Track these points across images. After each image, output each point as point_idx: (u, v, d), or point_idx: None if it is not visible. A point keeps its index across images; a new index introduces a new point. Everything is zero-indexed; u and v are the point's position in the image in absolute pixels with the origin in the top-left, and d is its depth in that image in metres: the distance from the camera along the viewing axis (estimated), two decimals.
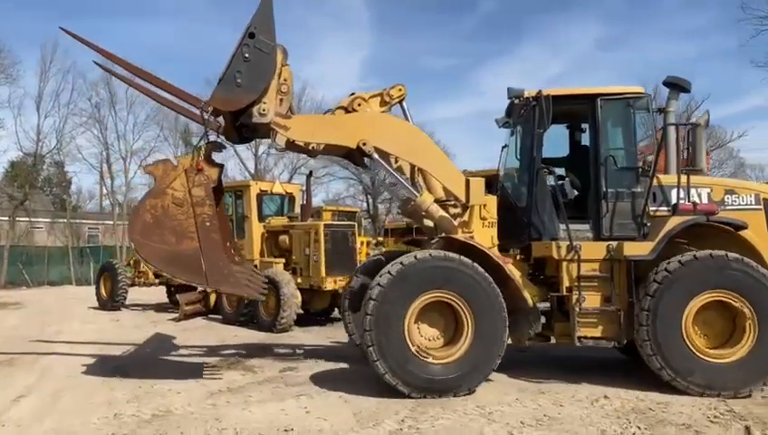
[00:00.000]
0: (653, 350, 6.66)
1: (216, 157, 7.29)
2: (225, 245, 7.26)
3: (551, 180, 7.61)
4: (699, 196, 7.26)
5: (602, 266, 7.15)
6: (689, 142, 7.17)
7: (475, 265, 6.71)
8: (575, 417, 5.78)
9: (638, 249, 7.02)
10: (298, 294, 12.14)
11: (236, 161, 43.84)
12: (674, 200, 7.18)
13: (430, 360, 6.57)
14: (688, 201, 7.07)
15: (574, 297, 7.09)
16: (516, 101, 7.63)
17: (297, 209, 15.11)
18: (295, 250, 13.22)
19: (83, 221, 49.18)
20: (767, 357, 6.59)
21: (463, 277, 6.64)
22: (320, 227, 12.76)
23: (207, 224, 6.83)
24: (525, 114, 7.70)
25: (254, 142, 45.37)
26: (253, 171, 44.10)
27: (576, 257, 7.12)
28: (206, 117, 7.00)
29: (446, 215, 7.47)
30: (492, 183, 15.10)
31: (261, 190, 14.61)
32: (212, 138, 7.34)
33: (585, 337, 7.12)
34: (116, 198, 45.55)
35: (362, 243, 17.04)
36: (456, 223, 7.40)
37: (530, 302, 6.95)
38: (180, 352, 9.82)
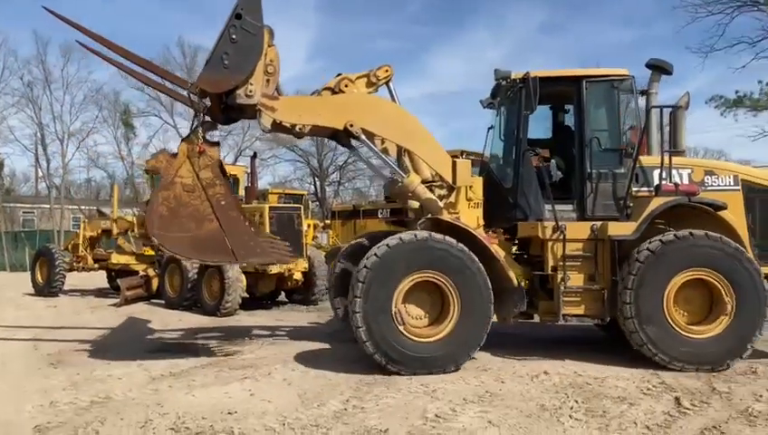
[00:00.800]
0: (636, 327, 6.85)
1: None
2: (242, 218, 7.26)
3: (536, 161, 7.72)
4: (680, 177, 7.46)
5: (586, 246, 7.31)
6: (671, 124, 7.38)
7: (462, 245, 6.80)
8: (516, 392, 5.92)
9: (621, 229, 7.17)
10: (243, 277, 12.01)
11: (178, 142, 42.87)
12: (655, 181, 7.39)
13: (418, 338, 6.68)
14: (670, 182, 7.27)
15: (559, 276, 7.25)
16: (503, 82, 7.71)
17: (242, 192, 14.91)
18: None
19: (18, 205, 47.33)
20: (743, 332, 6.82)
21: (449, 258, 6.73)
22: (265, 210, 12.61)
23: (223, 202, 6.85)
24: (512, 96, 7.79)
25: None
26: None
27: (561, 237, 7.25)
28: (193, 99, 6.96)
29: (433, 196, 7.52)
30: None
31: None
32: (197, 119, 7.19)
33: (570, 315, 7.28)
34: (52, 180, 43.99)
35: (309, 226, 16.97)
36: (442, 204, 7.46)
37: (514, 281, 7.09)
38: (121, 337, 9.59)
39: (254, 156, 16.07)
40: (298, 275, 12.89)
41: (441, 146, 7.69)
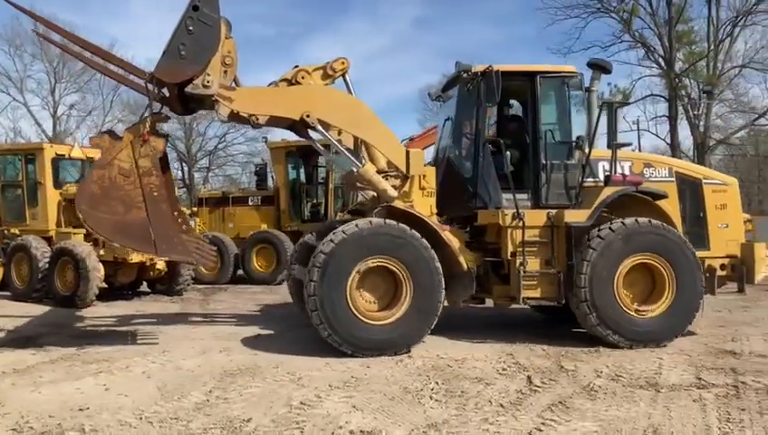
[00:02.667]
0: (589, 309, 7.25)
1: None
2: (174, 214, 7.28)
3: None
4: (622, 169, 8.01)
5: (543, 232, 7.65)
6: (614, 119, 7.87)
7: (415, 232, 7.04)
8: (380, 377, 6.05)
9: (576, 216, 7.56)
10: (100, 266, 11.30)
11: (32, 122, 39.71)
12: (599, 173, 7.93)
13: (371, 321, 6.93)
14: (617, 174, 7.76)
15: (518, 261, 7.54)
16: (464, 74, 7.91)
17: None
18: None
19: None
20: (683, 310, 7.43)
21: (402, 244, 6.99)
22: None
23: (155, 194, 6.91)
24: (470, 88, 7.98)
25: (50, 101, 41.17)
26: (51, 134, 40.12)
27: (521, 224, 7.57)
28: (150, 88, 7.00)
29: (387, 185, 7.63)
30: (300, 154, 15.20)
31: (57, 154, 13.31)
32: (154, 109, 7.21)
33: (528, 298, 7.62)
34: None
35: None
36: (396, 193, 7.57)
37: (465, 266, 7.39)
38: None
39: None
40: (161, 265, 12.35)
41: (395, 137, 7.92)
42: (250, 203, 16.02)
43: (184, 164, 49.49)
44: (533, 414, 4.90)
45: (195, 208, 17.55)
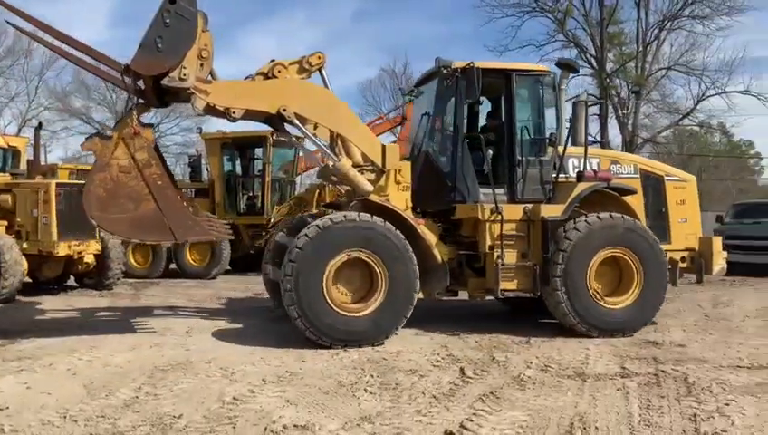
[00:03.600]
0: (563, 298, 7.50)
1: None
2: (180, 198, 7.41)
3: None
4: (590, 165, 8.24)
5: (520, 226, 7.82)
6: (586, 118, 8.21)
7: (390, 225, 7.17)
8: (315, 370, 6.03)
9: (552, 211, 7.77)
10: (23, 260, 10.83)
11: None
12: (569, 169, 8.20)
13: (348, 313, 7.03)
14: (589, 170, 8.05)
15: (496, 254, 7.69)
16: (444, 70, 7.98)
17: (24, 166, 13.39)
18: (20, 211, 11.69)
19: None
20: (650, 302, 7.80)
21: (378, 237, 7.09)
22: (51, 186, 11.44)
23: (159, 182, 6.94)
24: (450, 84, 8.07)
25: None
26: None
27: (499, 218, 7.71)
28: (127, 81, 6.97)
29: (363, 179, 7.66)
30: (236, 146, 14.94)
31: None
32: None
33: (506, 290, 7.79)
34: None
35: None
36: (372, 187, 7.62)
37: (440, 259, 7.56)
38: None
39: (39, 126, 14.47)
40: (90, 258, 11.92)
41: (371, 131, 8.08)
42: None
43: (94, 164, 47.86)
44: (465, 405, 4.99)
45: None
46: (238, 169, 16.02)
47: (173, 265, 14.98)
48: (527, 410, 4.85)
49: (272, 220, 14.98)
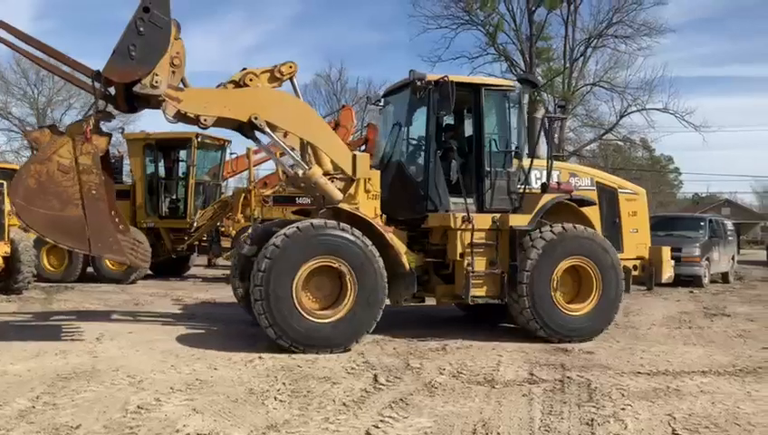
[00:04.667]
0: (528, 304, 7.78)
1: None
2: (111, 213, 7.29)
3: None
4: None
5: (489, 235, 8.04)
6: (548, 131, 8.74)
7: (359, 232, 7.25)
8: (227, 378, 5.94)
9: (519, 221, 8.05)
10: None
11: None
12: (532, 180, 8.51)
13: (318, 320, 7.10)
14: (552, 182, 8.42)
15: (466, 261, 7.90)
16: (418, 82, 8.13)
17: None
18: None
19: None
20: (607, 309, 8.18)
21: (347, 244, 7.17)
22: None
23: (93, 192, 6.88)
24: (423, 96, 8.24)
25: None
26: None
27: (470, 227, 7.89)
28: (97, 87, 6.98)
29: (333, 187, 7.80)
30: (159, 147, 14.61)
31: None
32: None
33: (475, 296, 7.96)
34: None
35: None
36: (342, 195, 7.72)
37: (407, 267, 7.67)
38: None
39: None
40: None
41: (341, 140, 8.29)
42: None
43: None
44: (374, 412, 5.02)
45: None
46: (161, 171, 15.62)
47: (90, 269, 14.44)
48: (433, 417, 4.92)
49: (195, 224, 14.68)
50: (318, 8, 72.14)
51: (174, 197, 15.46)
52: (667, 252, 9.35)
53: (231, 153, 16.57)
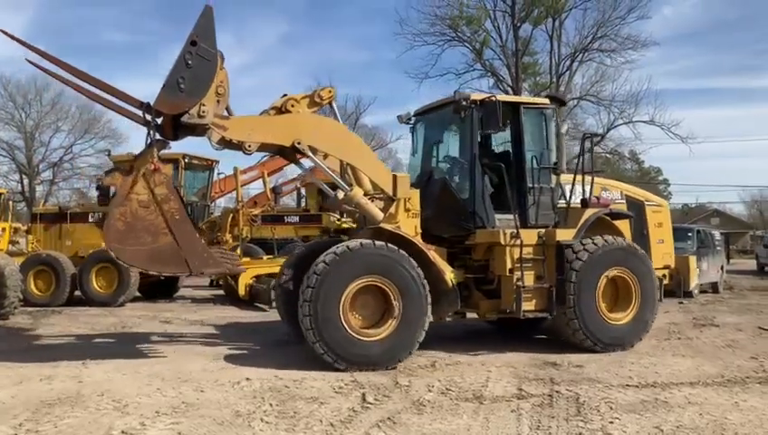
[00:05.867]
0: (575, 314, 8.05)
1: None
2: (195, 231, 7.62)
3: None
4: (584, 192, 8.77)
5: (536, 250, 8.31)
6: (590, 149, 9.03)
7: (403, 252, 7.40)
8: (213, 401, 5.88)
9: (566, 235, 8.35)
10: None
11: None
12: (567, 195, 8.86)
13: (363, 338, 7.22)
14: (592, 197, 8.76)
15: (516, 277, 8.10)
16: (464, 102, 8.37)
17: None
18: None
19: None
20: (645, 317, 8.53)
21: (391, 263, 7.34)
22: None
23: (177, 217, 7.15)
24: (467, 115, 8.49)
25: None
26: None
27: (519, 243, 8.10)
28: (149, 118, 7.16)
29: (375, 207, 8.02)
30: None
31: None
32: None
33: (526, 311, 8.14)
34: None
35: (4, 229, 15.00)
36: (383, 215, 7.91)
37: (450, 284, 7.79)
38: None
39: None
40: None
41: (381, 161, 8.48)
42: (90, 220, 15.01)
43: (24, 176, 45.71)
44: (361, 431, 4.98)
45: (29, 225, 16.22)
46: None
47: (78, 293, 14.31)
48: None
49: None
50: (305, 27, 72.89)
51: None
52: (693, 261, 9.86)
53: (219, 173, 16.54)
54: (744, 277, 25.12)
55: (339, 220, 15.40)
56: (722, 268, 19.49)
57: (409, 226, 7.98)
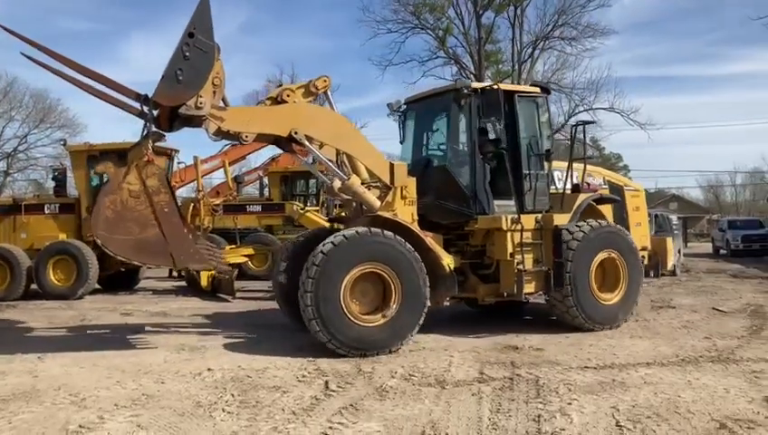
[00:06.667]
0: (572, 295, 8.39)
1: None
2: (183, 226, 7.70)
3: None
4: (571, 178, 9.14)
5: (534, 235, 8.58)
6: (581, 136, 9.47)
7: (402, 240, 7.50)
8: (174, 392, 5.81)
9: (562, 220, 8.69)
10: None
11: None
12: (556, 181, 9.26)
13: (364, 324, 7.31)
14: (583, 183, 9.23)
15: (516, 260, 8.36)
16: (465, 90, 8.62)
17: None
18: None
19: None
20: (632, 296, 9.01)
21: (392, 250, 7.44)
22: None
23: (166, 210, 7.19)
24: (466, 104, 8.72)
25: None
26: None
27: (519, 228, 8.34)
28: (146, 110, 7.18)
29: (372, 195, 8.14)
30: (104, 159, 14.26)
31: None
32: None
33: (527, 293, 8.47)
34: None
35: None
36: (380, 203, 8.05)
37: (447, 269, 8.00)
38: None
39: None
40: None
41: (377, 150, 8.46)
42: (46, 211, 14.59)
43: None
44: (323, 419, 4.98)
45: None
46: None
47: (35, 286, 13.96)
48: (383, 421, 4.91)
49: None
50: (267, 15, 71.85)
51: None
52: (669, 243, 10.47)
53: (179, 163, 16.27)
54: (700, 260, 25.80)
55: (302, 209, 15.27)
56: (679, 252, 19.97)
57: (406, 213, 8.11)
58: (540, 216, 8.73)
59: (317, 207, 17.22)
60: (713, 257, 28.47)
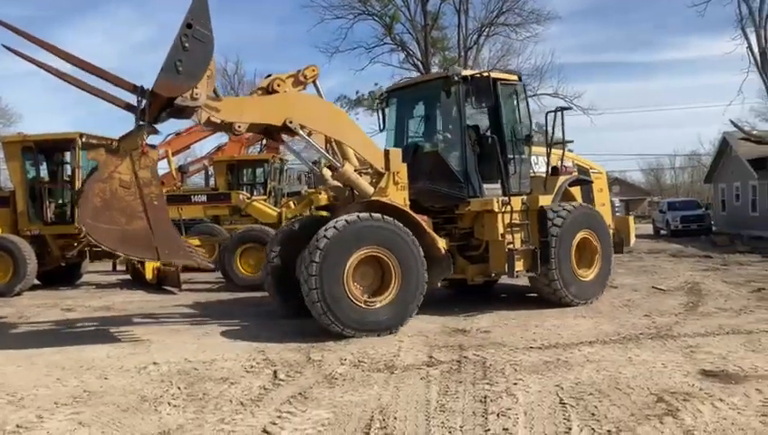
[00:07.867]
0: (557, 272, 8.85)
1: None
2: (170, 221, 7.66)
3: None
4: (546, 162, 9.66)
5: (521, 216, 8.96)
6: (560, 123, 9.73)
7: (400, 224, 7.71)
8: (117, 388, 5.67)
9: (547, 200, 9.13)
10: None
11: None
12: (534, 165, 9.75)
13: (365, 306, 7.50)
14: (562, 166, 9.74)
15: (507, 241, 8.74)
16: (455, 78, 8.85)
17: None
18: None
19: None
20: (606, 272, 9.60)
21: (390, 234, 7.66)
22: None
23: (155, 203, 7.16)
24: (455, 90, 8.98)
25: None
26: None
27: (509, 209, 8.69)
28: (142, 102, 7.12)
29: (365, 182, 8.35)
30: (40, 150, 13.74)
31: None
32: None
33: (517, 271, 8.78)
34: None
35: None
36: (373, 189, 8.26)
37: (442, 250, 8.26)
38: None
39: None
40: None
41: (369, 137, 8.74)
42: None
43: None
44: (272, 408, 4.95)
45: None
46: (44, 175, 14.65)
47: None
48: (332, 407, 4.91)
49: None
50: (210, 2, 70.05)
51: (61, 201, 14.56)
52: (632, 221, 11.24)
53: None
54: (641, 241, 26.56)
55: (249, 198, 15.08)
56: None
57: (399, 198, 8.31)
58: (525, 197, 9.14)
59: (264, 197, 17.01)
60: (654, 238, 29.41)
